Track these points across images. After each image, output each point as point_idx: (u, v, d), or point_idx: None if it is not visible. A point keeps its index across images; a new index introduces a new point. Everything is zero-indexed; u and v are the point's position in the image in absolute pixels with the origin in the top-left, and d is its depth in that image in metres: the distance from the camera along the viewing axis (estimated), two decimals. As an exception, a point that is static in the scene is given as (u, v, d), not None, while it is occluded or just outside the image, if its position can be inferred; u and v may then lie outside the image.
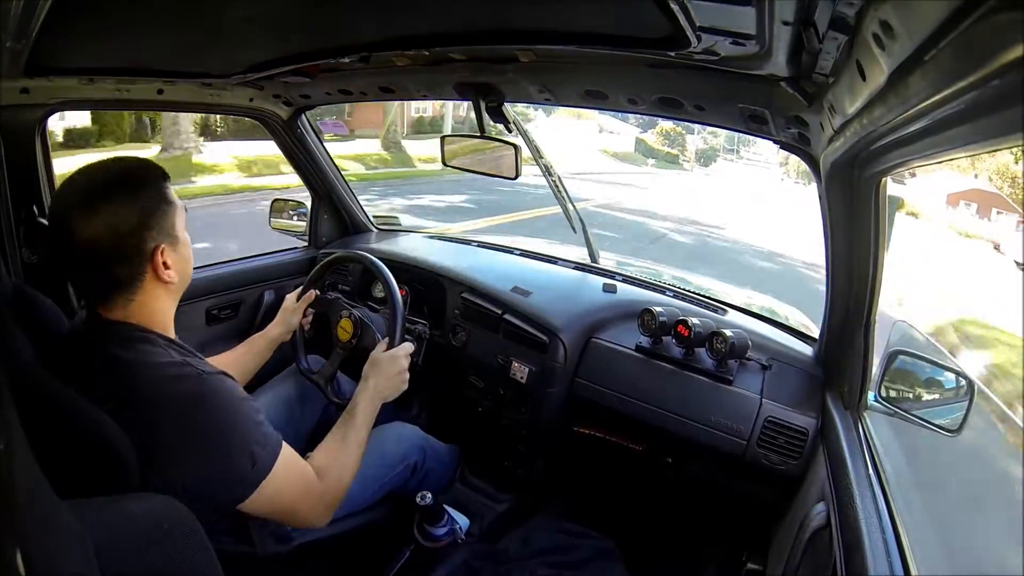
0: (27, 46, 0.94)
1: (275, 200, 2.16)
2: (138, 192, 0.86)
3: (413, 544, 1.37)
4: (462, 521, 1.39)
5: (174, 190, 0.93)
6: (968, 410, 0.93)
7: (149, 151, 9.72)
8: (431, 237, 2.15)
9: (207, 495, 0.85)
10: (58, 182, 1.27)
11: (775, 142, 1.10)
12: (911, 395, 1.06)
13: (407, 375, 1.28)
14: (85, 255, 0.84)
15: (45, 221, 1.26)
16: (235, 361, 1.37)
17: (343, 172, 2.07)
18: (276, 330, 1.45)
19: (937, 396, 1.04)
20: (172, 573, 0.69)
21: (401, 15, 0.91)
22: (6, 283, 0.92)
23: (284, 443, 0.95)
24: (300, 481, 0.97)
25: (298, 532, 1.19)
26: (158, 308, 0.91)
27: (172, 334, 0.94)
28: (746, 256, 9.28)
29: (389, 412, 1.77)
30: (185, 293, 0.99)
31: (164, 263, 0.88)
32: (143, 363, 0.84)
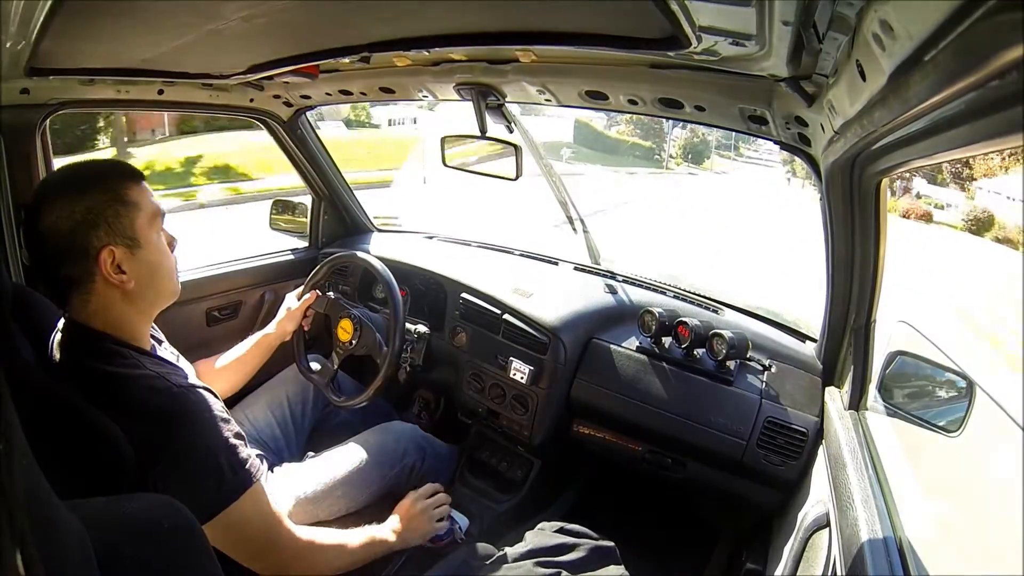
0: (27, 46, 0.94)
1: (275, 201, 2.16)
2: (87, 190, 0.83)
3: None
4: (462, 521, 1.39)
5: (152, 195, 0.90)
6: (968, 411, 0.93)
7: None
8: (431, 238, 2.15)
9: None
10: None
11: (775, 142, 1.10)
12: (911, 396, 1.06)
13: (427, 524, 1.25)
14: (39, 251, 0.84)
15: None
16: (236, 360, 1.37)
17: None
18: (277, 330, 1.45)
19: (937, 397, 1.03)
20: (172, 573, 0.69)
21: (402, 16, 0.91)
22: (6, 284, 0.92)
23: (262, 482, 0.90)
24: (266, 523, 0.91)
25: None
26: (118, 314, 0.87)
27: (144, 343, 0.92)
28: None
29: (389, 412, 1.78)
30: (185, 293, 0.99)
31: (118, 266, 0.84)
32: (120, 375, 0.82)
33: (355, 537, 1.10)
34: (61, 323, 0.89)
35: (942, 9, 0.39)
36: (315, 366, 1.55)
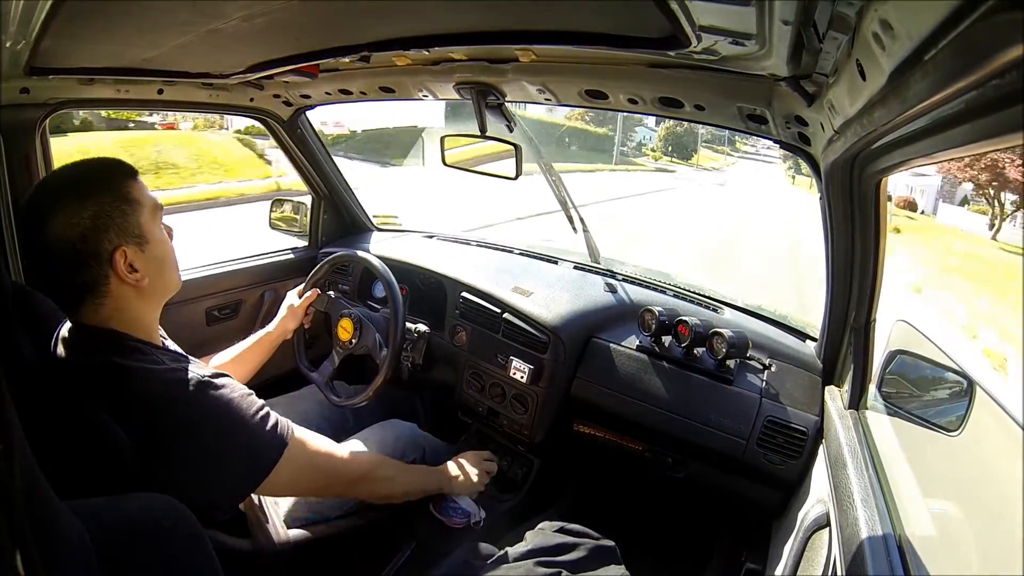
0: (27, 46, 0.94)
1: (275, 200, 2.17)
2: (89, 195, 0.82)
3: (414, 543, 1.38)
4: (480, 511, 1.39)
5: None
6: (968, 410, 0.93)
7: None
8: (431, 237, 2.15)
9: (216, 491, 0.85)
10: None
11: (775, 142, 1.10)
12: (911, 395, 1.06)
13: (475, 479, 1.32)
14: (45, 261, 0.83)
15: None
16: (237, 359, 1.38)
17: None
18: (278, 328, 1.45)
19: (937, 396, 1.03)
20: (172, 573, 0.69)
21: (401, 15, 0.91)
22: (7, 283, 0.92)
23: (297, 427, 0.96)
24: (319, 462, 1.00)
25: (298, 531, 1.19)
26: (134, 313, 0.87)
27: (157, 340, 0.93)
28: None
29: (389, 410, 1.78)
30: (185, 293, 0.99)
31: (130, 265, 0.84)
32: (139, 369, 0.82)
33: (411, 469, 1.23)
34: (66, 327, 0.88)
35: (942, 9, 0.39)
36: (315, 366, 1.55)
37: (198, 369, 0.88)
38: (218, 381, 0.88)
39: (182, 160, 11.18)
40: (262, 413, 0.90)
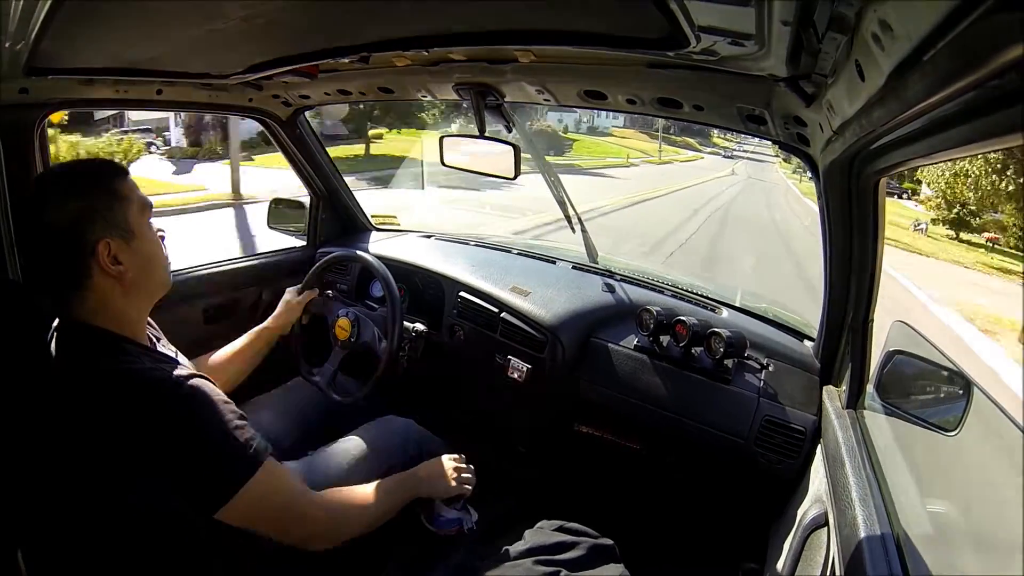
0: (27, 46, 0.94)
1: (274, 200, 2.17)
2: (79, 188, 0.86)
3: (409, 548, 1.37)
4: (472, 514, 1.39)
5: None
6: (966, 409, 0.94)
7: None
8: (429, 237, 2.15)
9: (188, 497, 0.82)
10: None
11: (774, 142, 1.10)
12: (909, 395, 1.06)
13: (452, 481, 1.25)
14: (36, 249, 0.87)
15: None
16: (235, 353, 1.38)
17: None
18: (276, 324, 1.46)
19: (935, 395, 1.04)
20: (171, 571, 0.69)
21: (401, 15, 0.92)
22: (6, 283, 0.92)
23: (271, 456, 0.90)
24: (284, 494, 0.92)
25: None
26: (118, 309, 0.88)
27: (143, 339, 0.93)
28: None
29: (386, 409, 1.78)
30: (183, 292, 0.99)
31: (115, 257, 0.85)
32: (116, 371, 0.82)
33: (379, 489, 1.11)
34: (56, 323, 0.89)
35: (941, 9, 0.39)
36: (315, 369, 1.55)
37: (177, 371, 0.87)
38: (199, 382, 0.86)
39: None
40: (241, 424, 0.87)
